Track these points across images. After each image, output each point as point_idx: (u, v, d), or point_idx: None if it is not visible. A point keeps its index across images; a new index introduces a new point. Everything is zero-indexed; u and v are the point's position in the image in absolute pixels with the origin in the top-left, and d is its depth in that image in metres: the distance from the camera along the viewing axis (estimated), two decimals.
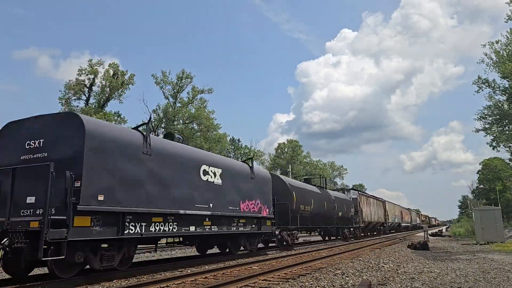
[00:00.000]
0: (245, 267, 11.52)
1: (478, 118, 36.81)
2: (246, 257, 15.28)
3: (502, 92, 35.08)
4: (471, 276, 9.85)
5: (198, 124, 44.78)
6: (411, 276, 9.81)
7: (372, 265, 12.05)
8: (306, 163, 76.50)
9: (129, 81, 42.20)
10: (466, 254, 16.79)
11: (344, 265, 11.91)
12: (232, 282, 8.36)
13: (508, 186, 63.56)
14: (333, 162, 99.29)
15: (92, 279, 8.93)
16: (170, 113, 43.81)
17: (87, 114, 37.28)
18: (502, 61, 32.95)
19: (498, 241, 23.74)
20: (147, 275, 10.15)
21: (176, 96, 46.39)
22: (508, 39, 34.04)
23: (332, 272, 10.31)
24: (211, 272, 10.22)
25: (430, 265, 12.32)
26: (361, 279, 9.10)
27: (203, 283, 8.72)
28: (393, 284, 8.51)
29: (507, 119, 35.05)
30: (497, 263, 12.95)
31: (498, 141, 36.53)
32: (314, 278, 9.18)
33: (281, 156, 74.90)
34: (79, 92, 39.63)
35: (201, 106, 45.89)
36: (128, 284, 8.28)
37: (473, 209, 27.51)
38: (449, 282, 8.82)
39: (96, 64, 40.60)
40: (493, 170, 70.59)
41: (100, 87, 40.60)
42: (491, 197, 61.08)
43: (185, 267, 11.85)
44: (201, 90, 46.37)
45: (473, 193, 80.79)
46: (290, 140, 77.47)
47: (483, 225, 24.45)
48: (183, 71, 45.94)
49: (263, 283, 8.69)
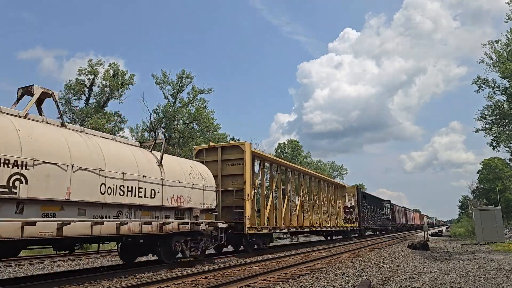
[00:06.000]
0: (245, 267, 11.52)
1: (478, 118, 36.84)
2: (246, 257, 15.28)
3: (502, 92, 35.06)
4: (471, 276, 9.84)
5: (198, 124, 44.76)
6: (411, 276, 9.80)
7: (372, 265, 12.04)
8: (307, 163, 76.38)
9: (129, 81, 42.19)
10: (466, 254, 16.78)
11: (344, 265, 11.91)
12: (232, 282, 8.36)
13: (508, 186, 63.49)
14: (333, 162, 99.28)
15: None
16: (170, 113, 43.76)
17: (87, 114, 37.31)
18: (502, 60, 32.94)
19: (498, 241, 23.72)
20: (147, 275, 10.14)
21: (176, 96, 46.38)
22: (508, 38, 34.03)
23: (332, 272, 10.30)
24: (211, 272, 10.21)
25: (430, 265, 12.31)
26: (361, 279, 9.09)
27: (203, 283, 8.72)
28: (393, 284, 8.50)
29: (507, 119, 35.03)
30: (497, 263, 12.94)
31: (498, 141, 36.50)
32: (314, 278, 9.17)
33: (281, 156, 74.81)
34: (79, 92, 39.61)
35: (201, 106, 45.88)
36: (128, 284, 8.28)
37: (473, 209, 27.46)
38: (449, 282, 8.81)
39: (96, 64, 40.61)
40: (494, 170, 70.50)
41: (100, 87, 40.59)
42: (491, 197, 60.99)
43: (185, 267, 11.84)
44: (201, 90, 46.35)
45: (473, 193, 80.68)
46: (291, 140, 77.41)
47: (483, 225, 24.44)
48: (183, 71, 45.91)
49: (263, 283, 8.68)
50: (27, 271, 11.81)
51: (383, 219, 44.95)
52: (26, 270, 12.18)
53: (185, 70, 45.97)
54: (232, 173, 16.32)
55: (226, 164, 16.49)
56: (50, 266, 13.34)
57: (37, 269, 12.56)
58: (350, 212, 31.32)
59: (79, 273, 10.59)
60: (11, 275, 11.09)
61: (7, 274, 11.38)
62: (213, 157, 16.73)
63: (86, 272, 10.62)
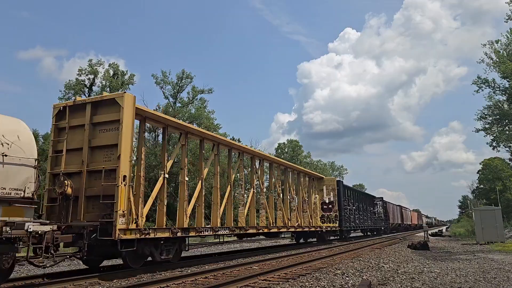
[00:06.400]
0: (245, 267, 11.52)
1: (478, 118, 36.86)
2: (246, 257, 15.27)
3: (502, 92, 35.08)
4: (471, 276, 9.84)
5: (198, 124, 44.82)
6: (411, 276, 9.80)
7: (372, 265, 12.03)
8: (307, 163, 76.37)
9: (129, 81, 42.26)
10: (466, 254, 16.78)
11: (344, 265, 11.90)
12: (232, 282, 8.36)
13: (508, 186, 63.49)
14: (333, 162, 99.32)
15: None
16: (170, 113, 43.79)
17: None
18: (502, 60, 32.94)
19: (498, 241, 23.73)
20: (147, 275, 10.14)
21: (176, 96, 46.44)
22: (508, 38, 34.06)
23: (332, 272, 10.30)
24: (211, 272, 10.21)
25: (430, 265, 12.31)
26: (361, 279, 9.09)
27: (203, 283, 8.72)
28: (393, 284, 8.51)
29: (507, 119, 35.04)
30: (497, 263, 12.94)
31: (498, 141, 36.55)
32: (314, 278, 9.17)
33: (281, 156, 74.82)
34: (79, 92, 39.63)
35: (201, 106, 45.91)
36: (128, 284, 8.29)
37: (473, 209, 27.50)
38: (449, 282, 8.81)
39: (96, 64, 40.65)
40: (494, 170, 70.47)
41: (100, 87, 40.63)
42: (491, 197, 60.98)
43: (185, 267, 11.84)
44: (201, 90, 46.41)
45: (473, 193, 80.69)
46: (290, 140, 77.39)
47: (483, 225, 24.44)
48: (183, 71, 45.98)
49: (263, 283, 8.68)
50: (27, 271, 11.81)
51: (374, 219, 40.55)
52: (26, 270, 12.17)
53: (185, 70, 46.08)
54: (106, 144, 10.49)
55: (99, 130, 10.73)
56: (49, 266, 13.32)
57: (37, 269, 12.55)
58: (328, 209, 26.27)
59: (79, 273, 10.59)
60: (11, 275, 11.08)
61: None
62: (80, 120, 10.95)
63: (86, 272, 10.61)
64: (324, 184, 27.06)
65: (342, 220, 27.73)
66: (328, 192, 26.77)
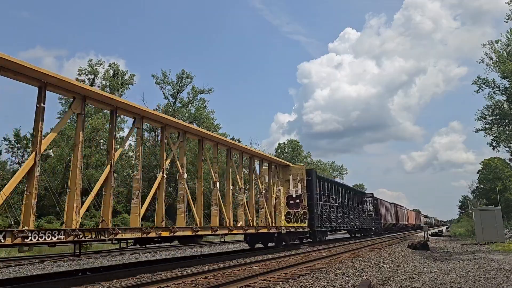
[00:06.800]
0: (245, 267, 11.52)
1: (478, 118, 36.92)
2: (246, 257, 15.28)
3: (502, 92, 35.12)
4: (471, 276, 9.84)
5: (198, 124, 44.86)
6: (411, 276, 9.80)
7: (372, 265, 12.04)
8: (307, 163, 76.40)
9: (129, 81, 42.28)
10: (466, 254, 16.78)
11: (344, 265, 11.90)
12: (232, 282, 8.36)
13: (508, 186, 63.50)
14: (333, 162, 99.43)
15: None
16: (170, 113, 43.82)
17: (86, 114, 37.30)
18: (502, 60, 32.97)
19: (498, 241, 23.74)
20: (147, 275, 10.15)
21: (176, 96, 46.48)
22: (508, 38, 34.09)
23: (332, 272, 10.30)
24: (211, 272, 10.21)
25: (430, 265, 12.31)
26: (361, 279, 9.09)
27: (203, 283, 8.72)
28: (393, 284, 8.50)
29: (507, 119, 35.07)
30: (497, 263, 12.94)
31: (498, 141, 36.60)
32: (314, 278, 9.17)
33: (281, 156, 74.86)
34: None
35: (201, 106, 45.95)
36: (128, 284, 8.29)
37: (473, 209, 27.51)
38: (449, 282, 8.81)
39: (96, 64, 40.66)
40: (494, 170, 70.51)
41: (100, 87, 40.63)
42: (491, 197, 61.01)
43: (185, 267, 11.85)
44: (201, 90, 46.47)
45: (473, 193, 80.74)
46: (290, 140, 77.51)
47: (483, 225, 24.45)
48: (183, 71, 46.06)
49: (263, 283, 8.68)
50: (27, 271, 11.81)
51: (363, 218, 35.42)
52: (26, 270, 12.17)
53: (185, 70, 46.14)
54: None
55: None
56: (50, 266, 13.33)
57: (37, 269, 12.56)
58: (295, 204, 20.92)
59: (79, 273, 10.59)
60: (11, 275, 11.09)
61: (7, 274, 11.38)
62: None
63: (86, 272, 10.62)
64: (291, 173, 21.45)
65: (314, 218, 22.28)
66: (296, 183, 21.29)
